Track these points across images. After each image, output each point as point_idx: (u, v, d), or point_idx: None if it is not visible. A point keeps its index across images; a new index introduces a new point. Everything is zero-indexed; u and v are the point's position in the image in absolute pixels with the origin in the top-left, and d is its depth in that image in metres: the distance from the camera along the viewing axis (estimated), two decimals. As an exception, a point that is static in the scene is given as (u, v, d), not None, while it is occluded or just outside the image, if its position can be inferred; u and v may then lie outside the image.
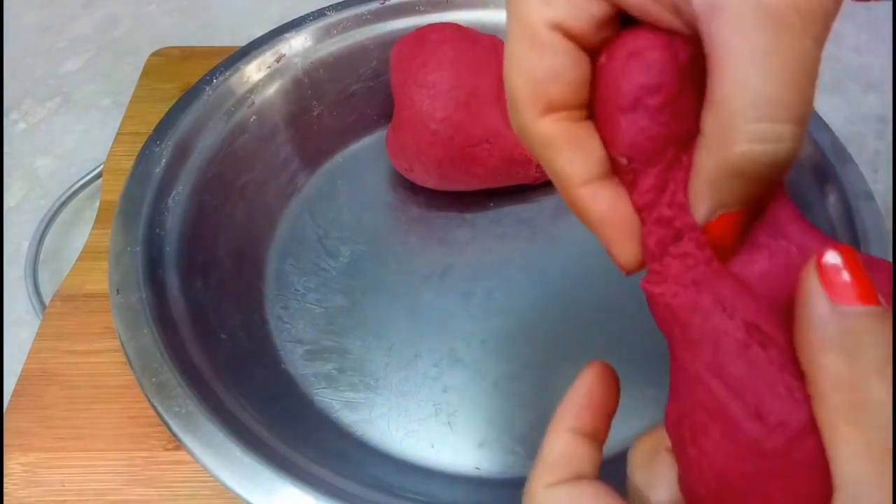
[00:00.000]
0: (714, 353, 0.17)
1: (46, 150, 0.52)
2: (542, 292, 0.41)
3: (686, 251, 0.18)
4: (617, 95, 0.19)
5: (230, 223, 0.40)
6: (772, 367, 0.16)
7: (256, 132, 0.42)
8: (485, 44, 0.41)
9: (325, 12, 0.45)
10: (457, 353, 0.38)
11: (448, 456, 0.35)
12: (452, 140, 0.39)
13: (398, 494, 0.30)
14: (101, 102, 0.56)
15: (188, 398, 0.29)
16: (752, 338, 0.16)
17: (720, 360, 0.16)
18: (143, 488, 0.34)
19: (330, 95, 0.46)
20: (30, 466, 0.35)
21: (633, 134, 0.19)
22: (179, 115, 0.39)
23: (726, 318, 0.17)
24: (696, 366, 0.17)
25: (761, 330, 0.16)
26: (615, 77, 0.19)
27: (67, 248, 0.46)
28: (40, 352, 0.39)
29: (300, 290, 0.41)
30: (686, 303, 0.18)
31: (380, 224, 0.44)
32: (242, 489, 0.27)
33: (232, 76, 0.42)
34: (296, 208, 0.44)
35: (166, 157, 0.37)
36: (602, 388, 0.21)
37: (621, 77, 0.19)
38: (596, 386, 0.21)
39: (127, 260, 0.33)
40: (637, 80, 0.18)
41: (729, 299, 0.17)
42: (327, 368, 0.38)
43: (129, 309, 0.32)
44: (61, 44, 0.61)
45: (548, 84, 0.18)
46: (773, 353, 0.16)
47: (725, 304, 0.17)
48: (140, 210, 0.35)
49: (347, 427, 0.36)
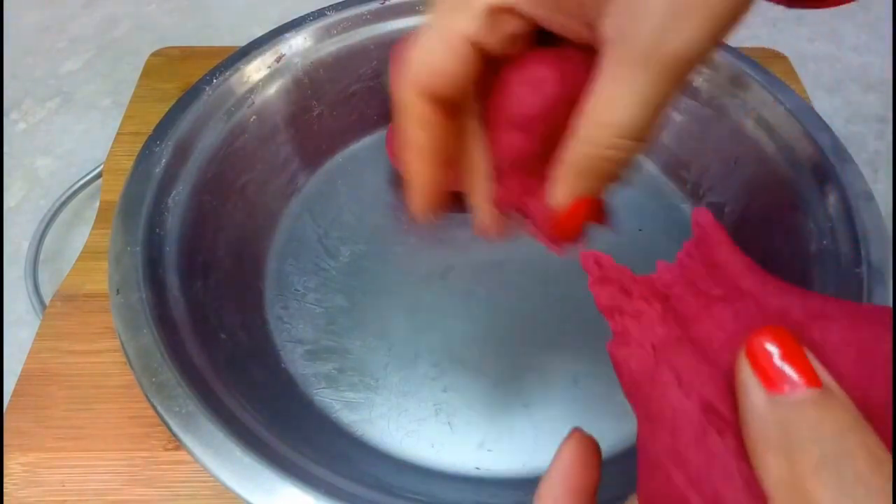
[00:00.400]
0: (672, 436, 0.16)
1: (46, 150, 0.52)
2: (542, 292, 0.41)
3: (639, 309, 0.18)
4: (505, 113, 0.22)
5: (230, 223, 0.40)
6: (729, 456, 0.15)
7: (256, 132, 0.42)
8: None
9: (325, 12, 0.45)
10: (457, 353, 0.38)
11: (448, 456, 0.35)
12: (452, 140, 0.39)
13: (398, 494, 0.30)
14: (101, 102, 0.56)
15: (188, 398, 0.29)
16: (710, 421, 0.15)
17: (678, 446, 0.16)
18: (143, 488, 0.34)
19: (330, 95, 0.46)
20: (30, 466, 0.35)
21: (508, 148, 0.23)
22: (179, 115, 0.39)
23: (683, 396, 0.16)
24: (656, 447, 0.17)
25: (718, 412, 0.16)
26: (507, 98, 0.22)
27: (67, 248, 0.46)
28: (40, 352, 0.39)
29: (300, 290, 0.41)
30: (646, 371, 0.17)
31: (380, 224, 0.44)
32: (242, 489, 0.27)
33: (232, 76, 0.42)
34: (296, 208, 0.44)
35: (166, 157, 0.37)
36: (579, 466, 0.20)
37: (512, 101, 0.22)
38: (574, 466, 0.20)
39: (127, 260, 0.33)
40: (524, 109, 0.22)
41: (686, 374, 0.16)
42: (327, 368, 0.38)
43: (129, 309, 0.32)
44: (61, 44, 0.61)
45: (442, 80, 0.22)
46: (729, 441, 0.15)
47: (682, 379, 0.16)
48: (140, 210, 0.35)
49: (347, 427, 0.36)
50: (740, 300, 0.17)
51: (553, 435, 0.35)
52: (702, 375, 0.16)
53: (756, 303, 0.17)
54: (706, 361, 0.16)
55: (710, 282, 0.18)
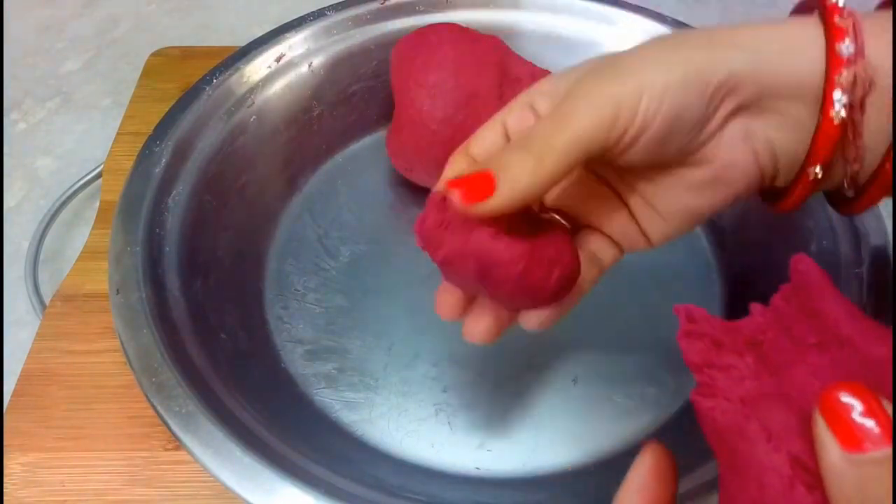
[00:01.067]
0: (759, 490, 0.16)
1: (46, 150, 0.52)
2: (542, 292, 0.40)
3: (729, 363, 0.18)
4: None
5: (230, 223, 0.40)
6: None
7: (256, 132, 0.42)
8: (485, 44, 0.41)
9: (325, 12, 0.45)
10: (457, 353, 0.38)
11: (448, 456, 0.35)
12: (452, 140, 0.39)
13: (398, 494, 0.30)
14: (101, 102, 0.56)
15: (188, 398, 0.29)
16: (798, 476, 0.15)
17: (765, 499, 0.16)
18: (143, 488, 0.34)
19: (330, 95, 0.46)
20: (30, 466, 0.35)
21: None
22: (179, 115, 0.39)
23: (772, 450, 0.16)
24: (741, 498, 0.17)
25: (807, 467, 0.15)
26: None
27: (67, 248, 0.46)
28: (40, 352, 0.39)
29: (300, 290, 0.41)
30: (733, 424, 0.17)
31: (380, 224, 0.44)
32: (242, 489, 0.27)
33: (232, 76, 0.42)
34: (296, 208, 0.44)
35: (166, 157, 0.37)
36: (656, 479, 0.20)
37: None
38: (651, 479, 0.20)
39: (127, 260, 0.33)
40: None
41: (776, 428, 0.16)
42: (327, 368, 0.38)
43: (129, 309, 0.32)
44: (61, 44, 0.61)
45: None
46: (818, 497, 0.15)
47: (772, 433, 0.16)
48: (140, 210, 0.35)
49: (347, 427, 0.36)
50: (838, 348, 0.17)
51: (553, 435, 0.35)
52: (792, 430, 0.16)
53: (856, 351, 0.17)
54: (797, 414, 0.16)
55: (806, 329, 0.18)
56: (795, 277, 0.19)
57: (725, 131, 0.24)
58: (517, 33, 0.47)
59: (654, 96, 0.22)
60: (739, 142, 0.24)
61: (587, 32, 0.46)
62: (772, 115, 0.23)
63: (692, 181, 0.25)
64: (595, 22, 0.46)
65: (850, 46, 0.21)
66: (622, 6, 0.46)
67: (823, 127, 0.22)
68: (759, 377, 0.18)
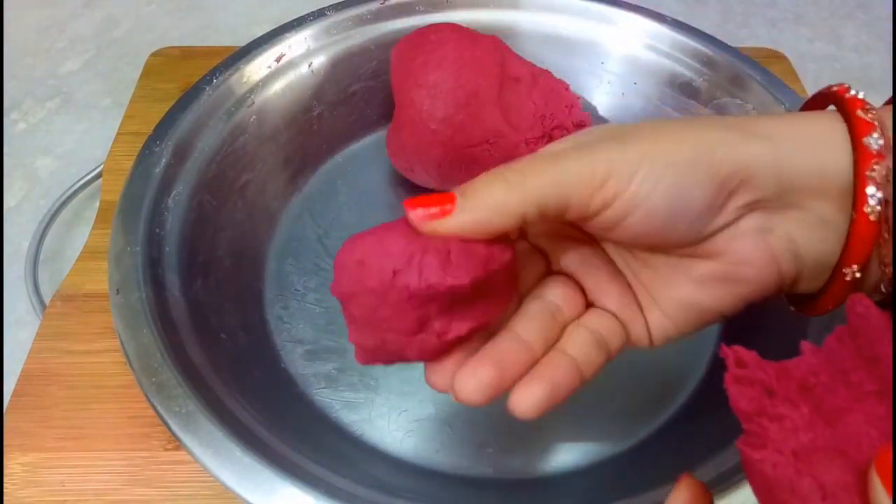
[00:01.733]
0: None
1: (46, 150, 0.52)
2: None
3: (783, 413, 0.17)
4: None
5: (230, 223, 0.40)
6: None
7: (256, 132, 0.42)
8: (485, 44, 0.41)
9: (325, 12, 0.45)
10: (457, 353, 0.38)
11: (448, 456, 0.35)
12: (452, 140, 0.39)
13: (398, 494, 0.30)
14: (101, 102, 0.56)
15: (188, 398, 0.29)
16: None
17: None
18: (143, 488, 0.34)
19: (330, 95, 0.46)
20: (30, 466, 0.35)
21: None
22: (179, 115, 0.39)
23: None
24: None
25: None
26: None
27: (67, 248, 0.46)
28: (40, 352, 0.39)
29: (300, 290, 0.41)
30: (785, 479, 0.16)
31: (380, 224, 0.44)
32: (242, 489, 0.27)
33: (232, 76, 0.42)
34: (296, 208, 0.44)
35: (166, 157, 0.37)
36: None
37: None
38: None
39: (127, 260, 0.33)
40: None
41: (831, 486, 0.16)
42: (327, 368, 0.38)
43: (129, 309, 0.32)
44: (61, 44, 0.61)
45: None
46: None
47: (827, 491, 0.16)
48: (140, 210, 0.35)
49: (347, 427, 0.36)
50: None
51: (553, 435, 0.35)
52: (849, 488, 0.15)
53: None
54: (853, 469, 0.16)
55: (865, 375, 0.17)
56: (853, 320, 0.18)
57: (740, 224, 0.22)
58: (517, 33, 0.47)
59: (654, 168, 0.21)
60: (755, 237, 0.22)
61: (587, 32, 0.46)
62: (793, 211, 0.22)
63: (698, 274, 0.23)
64: (595, 22, 0.46)
65: (878, 140, 0.21)
66: (622, 6, 0.46)
67: (858, 223, 0.21)
68: (813, 428, 0.17)
